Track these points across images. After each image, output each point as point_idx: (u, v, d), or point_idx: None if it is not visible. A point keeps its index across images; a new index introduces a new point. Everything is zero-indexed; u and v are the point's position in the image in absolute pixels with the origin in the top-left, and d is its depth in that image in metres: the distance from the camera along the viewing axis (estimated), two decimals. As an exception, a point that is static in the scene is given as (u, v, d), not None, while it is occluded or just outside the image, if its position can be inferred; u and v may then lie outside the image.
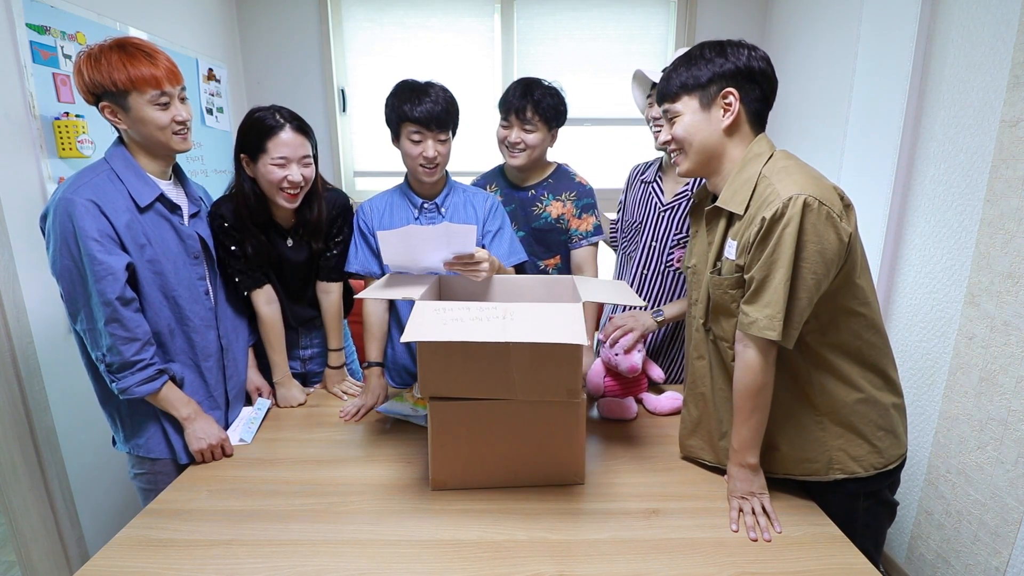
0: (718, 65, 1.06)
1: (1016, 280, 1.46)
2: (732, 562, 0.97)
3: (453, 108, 1.47)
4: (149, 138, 1.20)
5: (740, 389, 1.07)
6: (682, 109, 1.10)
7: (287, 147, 1.34)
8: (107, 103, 1.16)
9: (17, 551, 1.68)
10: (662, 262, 1.62)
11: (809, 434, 1.11)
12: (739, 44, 1.07)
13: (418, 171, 1.49)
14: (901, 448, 1.13)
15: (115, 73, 1.12)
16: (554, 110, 1.60)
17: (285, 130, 1.35)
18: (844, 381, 1.08)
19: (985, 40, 1.57)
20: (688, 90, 1.09)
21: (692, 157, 1.12)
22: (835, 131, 2.28)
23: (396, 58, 2.99)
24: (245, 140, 1.37)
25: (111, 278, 1.13)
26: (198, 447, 1.27)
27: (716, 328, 1.16)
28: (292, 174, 1.36)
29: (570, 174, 1.74)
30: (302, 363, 1.70)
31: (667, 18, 2.99)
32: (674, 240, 1.60)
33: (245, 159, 1.39)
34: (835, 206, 0.98)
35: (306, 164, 1.39)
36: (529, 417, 1.13)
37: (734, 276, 1.07)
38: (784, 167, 1.03)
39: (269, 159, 1.35)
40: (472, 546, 1.01)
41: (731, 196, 1.08)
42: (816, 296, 1.00)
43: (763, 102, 1.09)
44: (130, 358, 1.18)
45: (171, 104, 1.19)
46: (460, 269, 1.29)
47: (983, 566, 1.56)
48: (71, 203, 1.11)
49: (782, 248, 0.97)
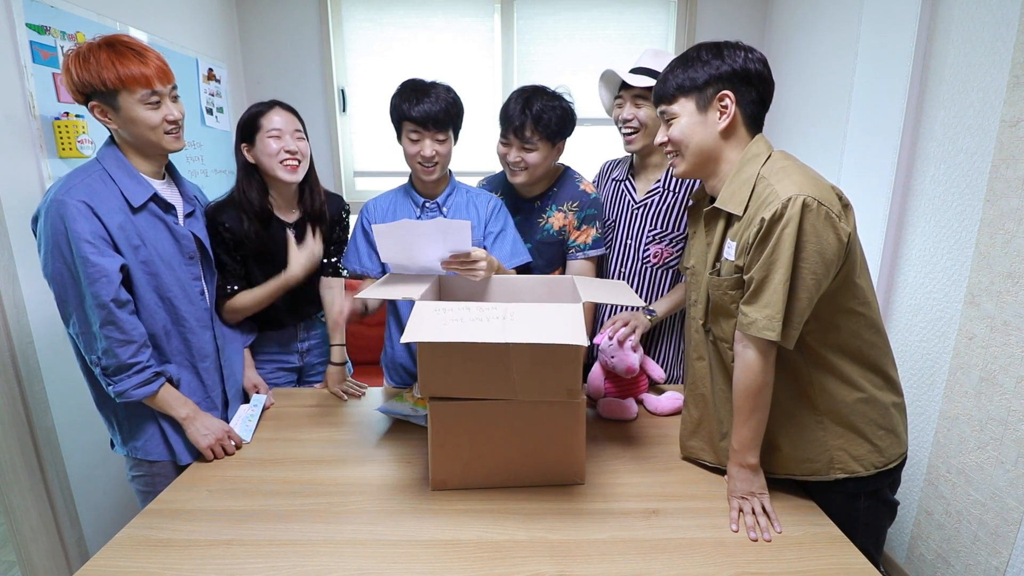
0: (714, 67, 1.06)
1: (1016, 280, 1.46)
2: (732, 562, 0.97)
3: (454, 108, 1.46)
4: (140, 138, 1.19)
5: (740, 390, 1.07)
6: (679, 111, 1.11)
7: (279, 121, 1.43)
8: (96, 103, 1.15)
9: (17, 551, 1.68)
10: (638, 259, 1.63)
11: (810, 434, 1.11)
12: (736, 46, 1.07)
13: (417, 170, 1.49)
14: (902, 447, 1.13)
15: (104, 72, 1.11)
16: (557, 124, 1.48)
17: (275, 110, 1.45)
18: (845, 381, 1.08)
19: (985, 40, 1.57)
20: (684, 92, 1.09)
21: (688, 160, 1.12)
22: (835, 131, 2.28)
23: (396, 58, 2.99)
24: (242, 130, 1.46)
25: (105, 280, 1.12)
26: (206, 444, 1.26)
27: (716, 329, 1.16)
28: (287, 144, 1.43)
29: (575, 180, 1.63)
30: (300, 356, 1.71)
31: (667, 18, 2.99)
32: (649, 236, 1.60)
33: (245, 147, 1.46)
34: (834, 206, 0.98)
35: (299, 137, 1.46)
36: (529, 417, 1.13)
37: (733, 277, 1.07)
38: (783, 167, 1.03)
39: (265, 134, 1.42)
40: (472, 546, 1.01)
41: (730, 197, 1.08)
42: (816, 296, 1.00)
43: (759, 104, 1.09)
44: (127, 360, 1.17)
45: (162, 103, 1.18)
46: (457, 268, 1.29)
47: (983, 566, 1.56)
48: (62, 204, 1.10)
49: (781, 248, 0.97)
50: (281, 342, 1.66)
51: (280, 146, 1.42)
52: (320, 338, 1.73)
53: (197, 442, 1.27)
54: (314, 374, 1.75)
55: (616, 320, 1.50)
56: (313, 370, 1.75)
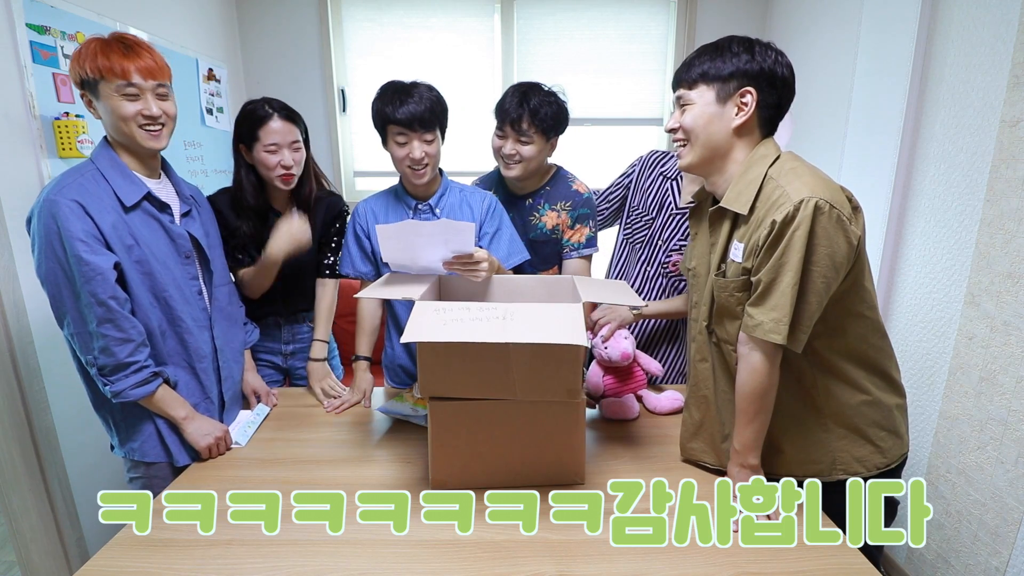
0: (743, 61, 1.03)
1: (1016, 280, 1.46)
2: (732, 562, 0.97)
3: (438, 107, 1.44)
4: (116, 129, 1.18)
5: (745, 392, 1.06)
6: (696, 98, 1.07)
7: (277, 134, 1.46)
8: (84, 91, 1.17)
9: (17, 551, 1.68)
10: (659, 262, 1.63)
11: (813, 436, 1.11)
12: (768, 46, 1.05)
13: (407, 174, 1.48)
14: (903, 448, 1.13)
15: (88, 62, 1.13)
16: (553, 119, 1.51)
17: (274, 119, 1.46)
18: (850, 384, 1.07)
19: (985, 40, 1.57)
20: (708, 80, 1.06)
21: (697, 150, 1.09)
22: (835, 131, 2.28)
23: (396, 58, 2.99)
24: (240, 131, 1.49)
25: (100, 279, 1.12)
26: (205, 443, 1.26)
27: (720, 331, 1.15)
28: (284, 159, 1.47)
29: (568, 180, 1.66)
30: (284, 358, 1.73)
31: (667, 18, 2.99)
32: (676, 244, 1.60)
33: (243, 148, 1.51)
34: (845, 209, 0.97)
35: (296, 149, 1.50)
36: (529, 417, 1.13)
37: (740, 279, 1.06)
38: (792, 168, 1.02)
39: (262, 147, 1.46)
40: (472, 546, 1.01)
41: (736, 197, 1.06)
42: (825, 300, 0.99)
43: (777, 108, 1.07)
44: (124, 359, 1.16)
45: (141, 97, 1.17)
46: (459, 269, 1.29)
47: (983, 566, 1.56)
48: (55, 204, 1.10)
49: (792, 251, 0.95)
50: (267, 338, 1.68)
51: (277, 160, 1.47)
52: (307, 342, 1.70)
53: (196, 442, 1.26)
54: (299, 377, 1.76)
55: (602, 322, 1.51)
56: (297, 373, 1.75)
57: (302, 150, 1.52)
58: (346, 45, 2.99)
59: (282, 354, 1.72)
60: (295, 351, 1.73)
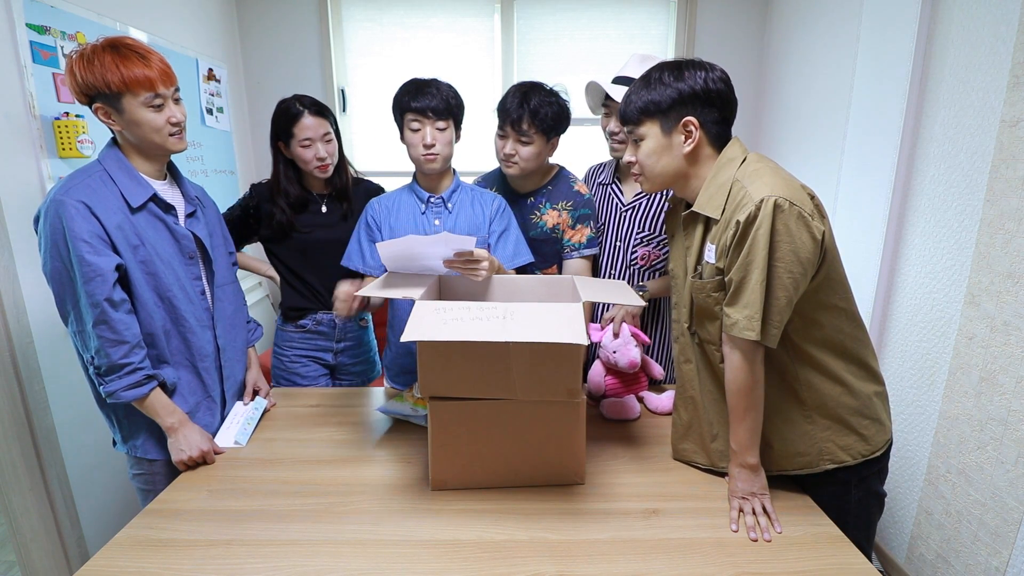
0: (675, 90, 1.06)
1: (1016, 280, 1.46)
2: (732, 562, 0.97)
3: (455, 100, 1.49)
4: (144, 140, 1.20)
5: (732, 390, 1.09)
6: (645, 133, 1.12)
7: (309, 129, 1.60)
8: (100, 104, 1.16)
9: (17, 551, 1.68)
10: (626, 262, 1.66)
11: (798, 428, 1.13)
12: (697, 65, 1.08)
13: (420, 160, 1.50)
14: (886, 434, 1.16)
15: (108, 74, 1.12)
16: (554, 119, 1.52)
17: (305, 116, 1.60)
18: (829, 375, 1.10)
19: (985, 40, 1.57)
20: (649, 115, 1.10)
21: (654, 181, 1.15)
22: (835, 131, 2.28)
23: (396, 58, 2.99)
24: (276, 128, 1.64)
25: (99, 279, 1.13)
26: (178, 458, 1.25)
27: (701, 331, 1.18)
28: (318, 152, 1.62)
29: (569, 180, 1.66)
30: (334, 355, 1.83)
31: (667, 18, 2.99)
32: (637, 239, 1.64)
33: (281, 144, 1.66)
34: (805, 205, 1.00)
35: (328, 140, 1.64)
36: (529, 417, 1.13)
37: (715, 279, 1.09)
38: (755, 170, 1.04)
39: (297, 142, 1.61)
40: (472, 546, 1.01)
41: (707, 201, 1.09)
42: (796, 295, 1.02)
43: (723, 123, 1.10)
44: (118, 361, 1.17)
45: (165, 105, 1.19)
46: (460, 268, 1.29)
47: (983, 566, 1.56)
48: (61, 204, 1.11)
49: (756, 249, 0.99)
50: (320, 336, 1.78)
51: (312, 154, 1.62)
52: (355, 340, 1.85)
53: (172, 453, 1.25)
54: (346, 373, 1.87)
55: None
56: (346, 371, 1.86)
57: (334, 141, 1.66)
58: (346, 45, 2.99)
59: (332, 351, 1.82)
60: (345, 348, 1.84)
